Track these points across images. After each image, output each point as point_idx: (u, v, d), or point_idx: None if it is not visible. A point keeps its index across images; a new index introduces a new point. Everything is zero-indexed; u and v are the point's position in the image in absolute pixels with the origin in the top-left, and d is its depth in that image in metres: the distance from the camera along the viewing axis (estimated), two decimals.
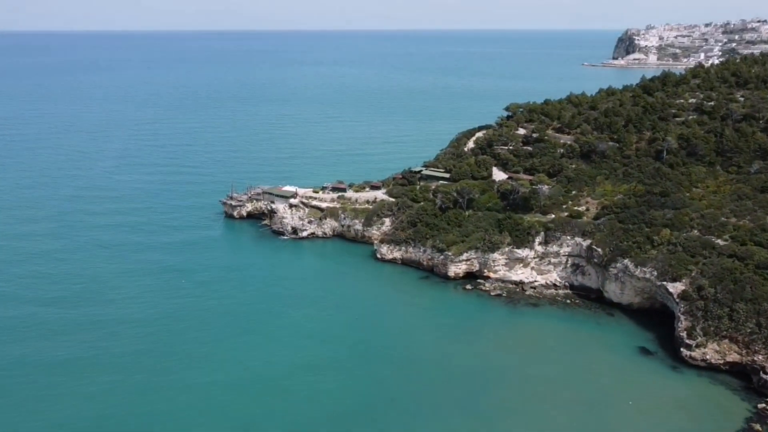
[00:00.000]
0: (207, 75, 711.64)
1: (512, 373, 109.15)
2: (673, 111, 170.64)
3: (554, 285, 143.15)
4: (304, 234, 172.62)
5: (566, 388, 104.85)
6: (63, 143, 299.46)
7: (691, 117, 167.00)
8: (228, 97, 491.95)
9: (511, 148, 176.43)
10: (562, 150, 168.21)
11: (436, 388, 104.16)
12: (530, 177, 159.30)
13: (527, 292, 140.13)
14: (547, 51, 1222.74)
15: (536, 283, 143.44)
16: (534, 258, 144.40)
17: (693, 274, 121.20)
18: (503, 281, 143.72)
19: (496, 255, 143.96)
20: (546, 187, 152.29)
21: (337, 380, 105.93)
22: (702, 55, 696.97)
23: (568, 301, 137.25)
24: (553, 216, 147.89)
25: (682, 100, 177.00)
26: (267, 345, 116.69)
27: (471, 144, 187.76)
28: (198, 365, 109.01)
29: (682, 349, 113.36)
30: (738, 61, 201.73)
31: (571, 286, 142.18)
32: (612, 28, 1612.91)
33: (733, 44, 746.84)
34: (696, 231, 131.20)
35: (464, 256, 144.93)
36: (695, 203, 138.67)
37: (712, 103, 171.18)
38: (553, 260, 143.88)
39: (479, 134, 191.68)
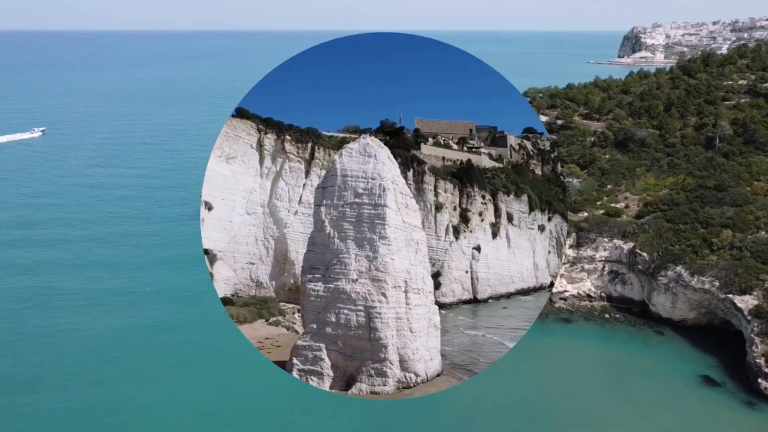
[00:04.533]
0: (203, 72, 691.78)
1: (542, 408, 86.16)
2: (722, 93, 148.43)
3: (588, 296, 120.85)
4: None
5: (614, 429, 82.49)
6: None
7: (743, 100, 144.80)
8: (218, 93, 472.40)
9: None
10: (592, 138, 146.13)
11: (446, 427, 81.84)
12: None
13: (556, 305, 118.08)
14: (549, 51, 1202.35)
15: (567, 294, 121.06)
16: (564, 264, 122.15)
17: (767, 285, 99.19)
18: None
19: None
20: (576, 180, 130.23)
21: (332, 412, 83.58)
22: None
23: (607, 315, 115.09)
24: (586, 214, 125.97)
25: (730, 82, 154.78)
26: (249, 380, 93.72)
27: None
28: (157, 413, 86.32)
29: (759, 380, 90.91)
30: None
31: (609, 298, 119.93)
32: (616, 29, 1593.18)
33: (742, 42, 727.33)
34: (764, 232, 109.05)
35: None
36: (760, 199, 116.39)
37: None
38: (586, 266, 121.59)
39: None
